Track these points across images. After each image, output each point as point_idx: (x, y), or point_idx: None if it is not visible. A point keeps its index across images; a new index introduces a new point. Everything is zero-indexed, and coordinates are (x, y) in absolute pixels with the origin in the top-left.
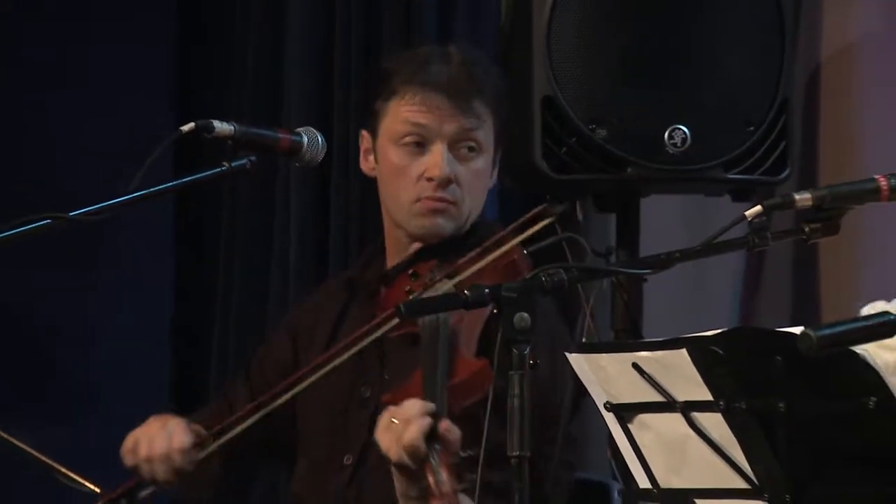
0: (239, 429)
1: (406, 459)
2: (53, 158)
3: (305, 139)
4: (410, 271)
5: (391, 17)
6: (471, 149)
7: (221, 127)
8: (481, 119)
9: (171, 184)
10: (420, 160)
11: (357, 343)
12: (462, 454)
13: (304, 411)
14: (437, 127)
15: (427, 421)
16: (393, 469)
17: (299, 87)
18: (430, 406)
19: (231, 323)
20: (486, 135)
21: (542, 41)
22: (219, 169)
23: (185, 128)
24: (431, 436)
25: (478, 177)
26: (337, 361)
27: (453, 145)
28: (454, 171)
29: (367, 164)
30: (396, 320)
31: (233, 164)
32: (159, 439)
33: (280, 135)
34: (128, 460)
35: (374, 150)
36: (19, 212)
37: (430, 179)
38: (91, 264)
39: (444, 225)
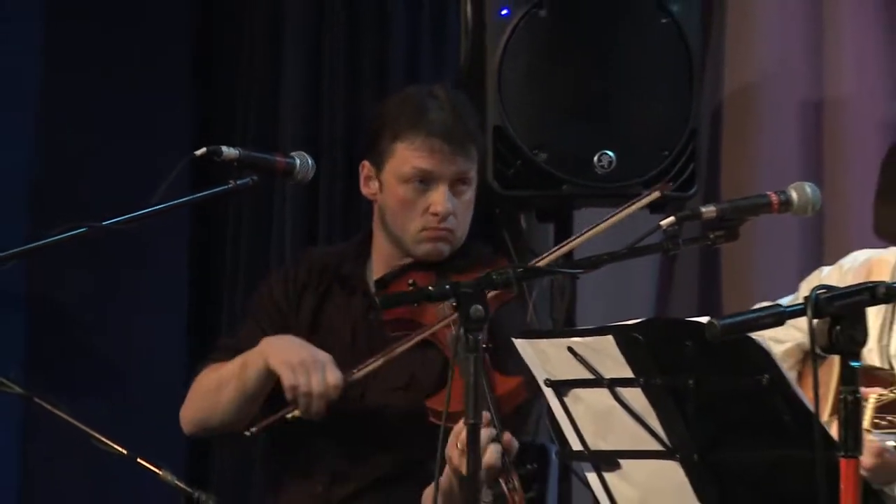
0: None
1: (485, 476)
2: (95, 174)
3: (298, 162)
4: (410, 281)
5: (369, 62)
6: (464, 183)
7: (228, 151)
8: (472, 159)
9: (187, 198)
10: (425, 197)
11: (412, 339)
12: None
13: None
14: (439, 170)
15: (499, 446)
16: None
17: (292, 119)
18: (494, 431)
19: (237, 311)
20: (474, 170)
21: (494, 81)
22: (226, 186)
23: (199, 152)
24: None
25: (468, 207)
26: (396, 352)
27: (452, 184)
28: (451, 203)
29: (368, 189)
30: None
31: (238, 183)
32: (318, 375)
33: (277, 158)
34: (288, 390)
35: (377, 179)
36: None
37: (434, 214)
38: (121, 263)
39: (445, 249)
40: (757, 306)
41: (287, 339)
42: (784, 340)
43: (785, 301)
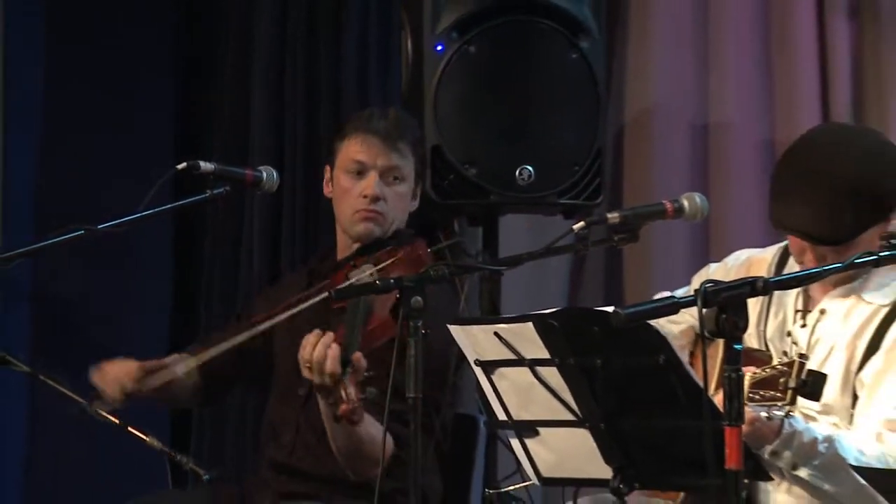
0: (210, 354)
1: (327, 381)
2: (89, 183)
3: (264, 174)
4: (352, 262)
5: (325, 88)
6: (395, 178)
7: (205, 165)
8: (404, 156)
9: (169, 206)
10: (360, 184)
11: (300, 304)
12: (366, 374)
13: (277, 355)
14: (371, 161)
15: (336, 350)
16: (317, 392)
17: (259, 134)
18: (330, 337)
19: (213, 302)
20: (407, 169)
21: (430, 107)
22: (203, 195)
23: (180, 166)
24: (345, 364)
25: (400, 198)
26: (284, 316)
27: (383, 174)
28: (382, 192)
29: (328, 189)
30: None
31: (213, 192)
32: (114, 379)
33: (246, 171)
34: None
35: (332, 178)
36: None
37: (365, 197)
38: (113, 262)
39: (374, 229)
40: (655, 297)
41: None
42: (680, 322)
43: (679, 293)
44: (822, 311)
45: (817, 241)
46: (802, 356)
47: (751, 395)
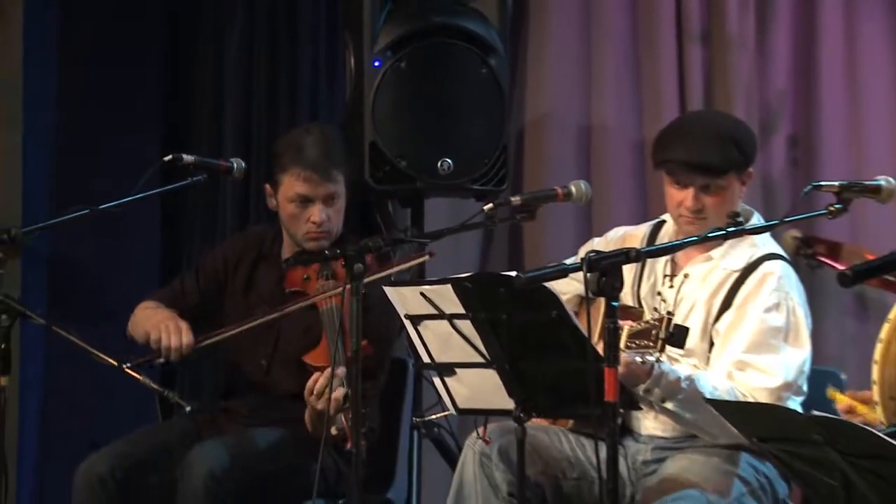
0: (216, 340)
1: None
2: (94, 171)
3: (235, 165)
4: (325, 274)
5: (284, 95)
6: (334, 199)
7: (187, 157)
8: (338, 181)
9: (157, 190)
10: (306, 211)
11: (297, 304)
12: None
13: (226, 316)
14: (313, 193)
15: (341, 392)
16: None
17: (231, 133)
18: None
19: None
20: (342, 188)
21: (369, 111)
22: (185, 182)
23: (167, 158)
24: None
25: (339, 212)
26: (280, 314)
27: (325, 201)
28: (326, 215)
29: (270, 204)
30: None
31: (193, 179)
32: (175, 337)
33: (221, 162)
34: (153, 345)
35: (275, 198)
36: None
37: (313, 223)
38: (113, 234)
39: (323, 244)
40: (548, 264)
41: (166, 312)
42: (566, 292)
43: (568, 261)
44: (686, 275)
45: (704, 168)
46: (670, 313)
47: (629, 344)
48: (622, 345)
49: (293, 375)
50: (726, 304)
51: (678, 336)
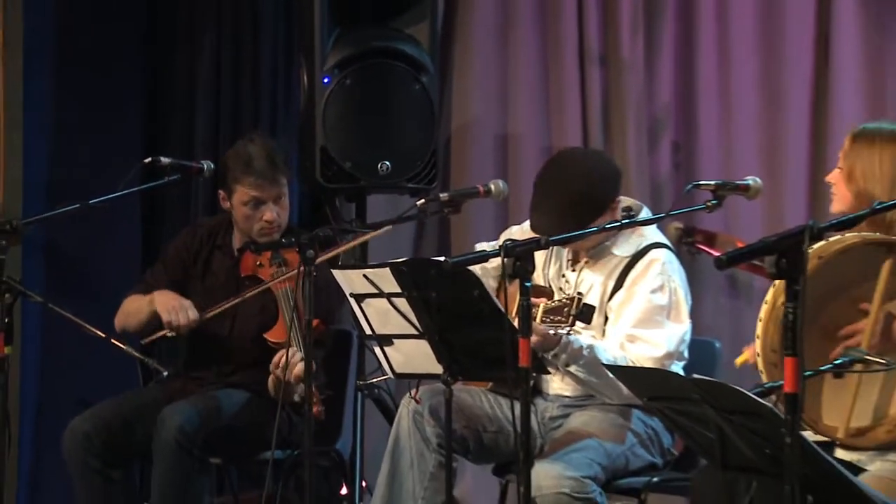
0: (215, 312)
1: (293, 379)
2: (83, 170)
3: (205, 166)
4: (279, 261)
5: (248, 106)
6: (281, 197)
7: (164, 160)
8: (282, 183)
9: (138, 188)
10: (259, 211)
11: (260, 286)
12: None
13: (189, 293)
14: (265, 196)
15: (300, 368)
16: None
17: (202, 139)
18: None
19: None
20: (286, 188)
21: (320, 120)
22: (163, 181)
23: (146, 160)
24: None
25: (285, 208)
26: (249, 295)
27: (274, 201)
28: (276, 213)
29: (225, 205)
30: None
31: (169, 179)
32: (183, 314)
33: (193, 164)
34: (165, 324)
35: (229, 202)
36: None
37: (266, 221)
38: (100, 226)
39: (275, 236)
40: (471, 251)
41: (168, 293)
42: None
43: (487, 246)
44: (586, 262)
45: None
46: (580, 294)
47: (544, 318)
48: (538, 319)
49: (250, 348)
50: (618, 285)
51: (586, 313)
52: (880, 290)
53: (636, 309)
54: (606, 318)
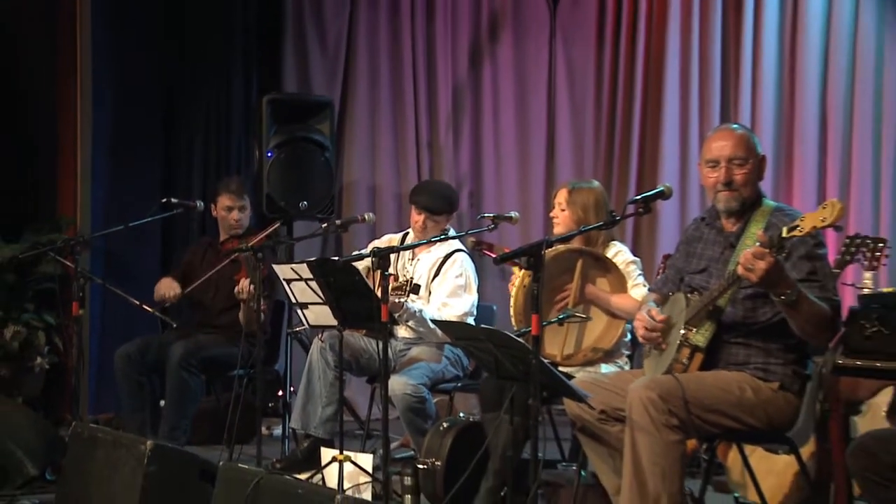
0: (190, 288)
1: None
2: (128, 201)
3: (199, 204)
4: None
5: (220, 165)
6: (244, 208)
7: (174, 200)
8: (244, 198)
9: (159, 216)
10: (231, 214)
11: (224, 262)
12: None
13: (186, 276)
14: (234, 205)
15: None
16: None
17: (197, 181)
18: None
19: (177, 264)
20: (247, 202)
21: (265, 178)
22: (172, 212)
23: (163, 200)
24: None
25: (247, 215)
26: (216, 269)
27: (239, 210)
28: (240, 216)
29: (214, 212)
30: (237, 255)
31: (176, 211)
32: (167, 292)
33: (191, 202)
34: (157, 296)
35: (216, 209)
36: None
37: (234, 220)
38: (136, 240)
39: (240, 232)
40: (353, 253)
41: (168, 279)
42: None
43: (363, 251)
44: (419, 259)
45: (430, 210)
46: (412, 279)
47: (394, 292)
48: (390, 292)
49: (226, 307)
50: (436, 273)
51: (416, 289)
52: (578, 273)
53: (446, 287)
54: (430, 293)
